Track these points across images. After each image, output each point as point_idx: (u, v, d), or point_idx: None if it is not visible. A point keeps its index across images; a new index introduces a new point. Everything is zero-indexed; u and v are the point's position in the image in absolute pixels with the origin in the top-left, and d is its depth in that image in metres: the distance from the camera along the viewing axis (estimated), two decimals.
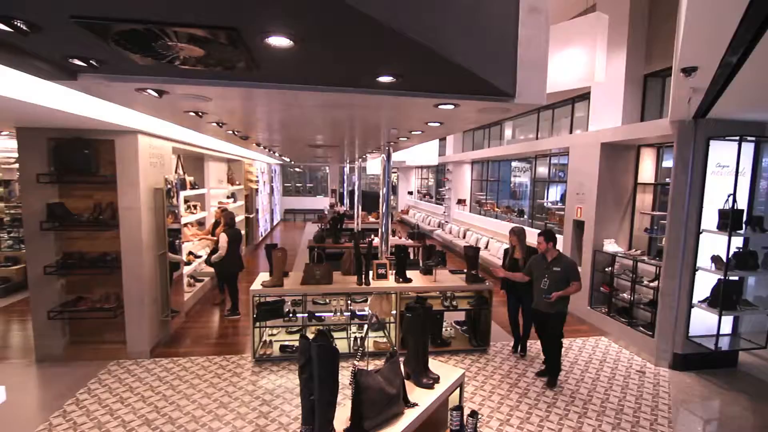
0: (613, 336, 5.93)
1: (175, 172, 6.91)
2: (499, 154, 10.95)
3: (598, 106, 6.61)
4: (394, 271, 5.29)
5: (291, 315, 5.14)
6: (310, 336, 1.97)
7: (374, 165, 16.18)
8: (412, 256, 8.56)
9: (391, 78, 2.00)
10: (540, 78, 2.42)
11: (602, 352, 5.53)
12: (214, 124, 3.74)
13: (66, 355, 4.84)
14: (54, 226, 4.54)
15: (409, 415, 2.25)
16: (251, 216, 12.16)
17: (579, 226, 6.81)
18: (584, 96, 7.50)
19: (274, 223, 18.08)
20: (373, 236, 8.41)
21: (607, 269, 6.20)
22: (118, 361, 4.84)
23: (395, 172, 23.22)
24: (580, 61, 4.80)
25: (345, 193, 16.92)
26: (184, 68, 1.82)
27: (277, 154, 9.77)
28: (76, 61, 1.72)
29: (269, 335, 5.48)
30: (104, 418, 3.75)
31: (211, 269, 6.97)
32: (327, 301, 5.87)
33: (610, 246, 6.23)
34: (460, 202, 14.45)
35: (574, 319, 6.77)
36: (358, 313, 5.23)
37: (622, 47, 5.99)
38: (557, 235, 4.86)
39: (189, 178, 7.29)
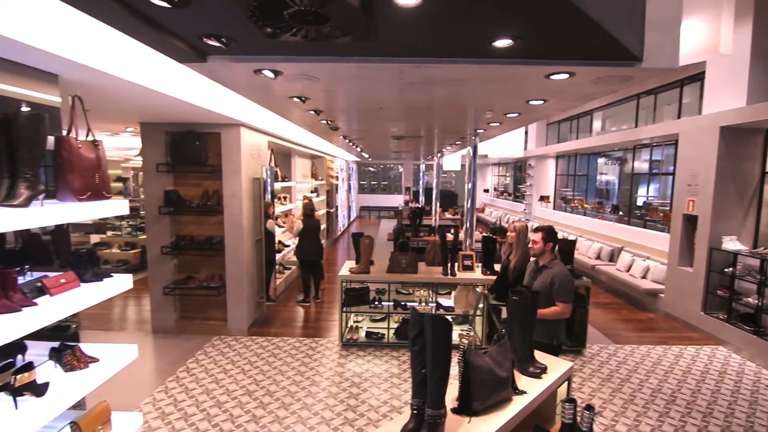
0: (732, 346, 5.20)
1: (269, 164, 7.35)
2: (591, 145, 10.15)
3: (715, 85, 5.83)
4: (480, 264, 5.13)
5: (376, 303, 5.20)
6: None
7: (451, 161, 15.93)
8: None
9: (509, 41, 1.90)
10: (672, 38, 2.16)
11: (720, 363, 4.87)
12: (312, 112, 3.89)
13: (176, 328, 5.36)
14: (169, 210, 5.05)
15: (518, 402, 2.14)
16: (331, 210, 12.60)
17: (690, 221, 6.08)
18: (695, 77, 6.68)
19: (351, 219, 18.60)
20: (452, 230, 8.26)
21: (726, 270, 5.45)
22: (220, 337, 5.25)
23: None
24: (701, 31, 4.26)
25: (421, 190, 16.86)
26: (303, 45, 1.88)
27: (358, 149, 10.00)
28: (210, 41, 1.86)
29: (354, 321, 5.60)
30: (211, 386, 4.07)
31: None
32: (410, 291, 5.87)
33: (731, 243, 5.47)
34: (543, 198, 13.70)
35: (682, 325, 6.06)
36: (443, 304, 5.15)
37: (748, 16, 5.21)
38: (660, 233, 4.25)
39: (279, 172, 7.71)
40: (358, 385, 4.12)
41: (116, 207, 2.48)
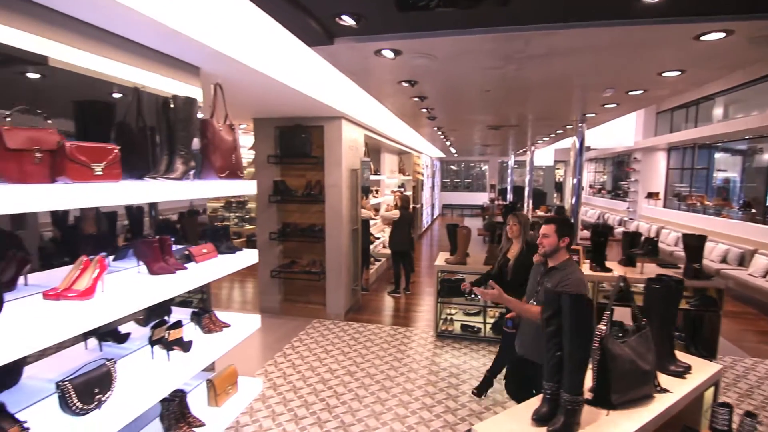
0: None
1: (364, 157, 7.57)
2: (718, 133, 8.75)
3: None
4: (588, 260, 4.75)
5: (473, 295, 5.07)
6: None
7: (542, 156, 15.05)
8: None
9: None
10: None
11: None
12: (416, 99, 3.91)
13: (280, 309, 5.74)
14: (277, 199, 5.43)
15: (662, 401, 1.91)
16: (417, 206, 12.63)
17: None
18: None
19: (434, 216, 18.49)
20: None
21: None
22: (320, 320, 5.52)
23: (559, 168, 21.24)
24: None
25: (509, 187, 16.19)
26: (429, 20, 1.86)
27: (448, 143, 9.89)
28: (344, 17, 1.93)
29: (447, 313, 5.52)
30: (314, 363, 4.29)
31: (387, 250, 7.42)
32: None
33: None
34: (651, 195, 12.35)
35: None
36: None
37: None
38: None
39: (372, 166, 7.91)
40: (457, 377, 4.05)
41: (248, 186, 2.69)
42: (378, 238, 8.20)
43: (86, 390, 1.71)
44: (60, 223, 2.16)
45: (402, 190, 10.23)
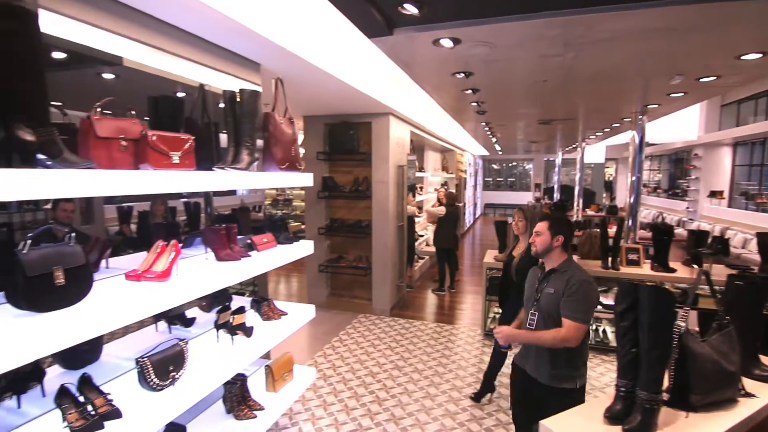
0: None
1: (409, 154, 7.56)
2: None
3: None
4: (649, 260, 4.49)
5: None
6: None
7: (591, 153, 14.41)
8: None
9: None
10: None
11: None
12: (468, 92, 3.85)
13: (327, 304, 5.84)
14: (325, 195, 5.53)
15: (748, 405, 1.77)
16: (460, 204, 12.47)
17: None
18: None
19: (476, 216, 18.17)
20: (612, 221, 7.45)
21: None
22: (365, 315, 5.56)
23: (608, 167, 20.23)
24: None
25: (556, 186, 15.61)
26: (492, 5, 1.82)
27: (494, 140, 9.68)
28: (407, 7, 1.93)
29: (494, 312, 5.40)
30: (362, 357, 4.32)
31: (431, 248, 7.37)
32: None
33: None
34: (715, 194, 11.51)
35: None
36: (604, 301, 4.64)
37: None
38: None
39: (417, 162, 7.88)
40: (508, 376, 3.94)
41: (305, 178, 2.75)
42: (422, 236, 8.16)
43: (162, 367, 1.80)
44: (125, 216, 2.32)
45: (446, 187, 10.13)
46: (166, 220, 2.64)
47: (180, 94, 2.54)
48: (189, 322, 2.48)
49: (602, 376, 3.98)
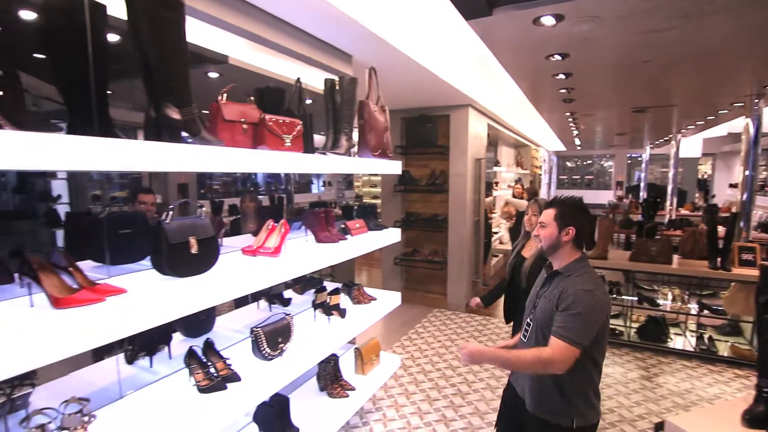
0: None
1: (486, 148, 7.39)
2: None
3: None
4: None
5: (614, 295, 4.60)
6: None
7: (688, 146, 13.01)
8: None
9: None
10: None
11: None
12: (561, 76, 3.66)
13: (402, 297, 5.85)
14: (401, 189, 5.56)
15: None
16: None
17: None
18: None
19: None
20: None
21: None
22: (440, 309, 5.51)
23: (702, 164, 18.12)
24: None
25: (642, 184, 14.33)
26: None
27: (575, 132, 9.14)
28: None
29: None
30: (441, 350, 4.29)
31: (504, 246, 7.12)
32: (654, 287, 5.00)
33: None
34: None
35: None
36: (712, 306, 4.18)
37: None
38: None
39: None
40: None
41: (395, 166, 2.78)
42: (496, 233, 7.92)
43: (273, 338, 1.90)
44: (216, 211, 2.51)
45: (521, 183, 9.75)
46: (267, 206, 2.82)
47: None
48: (286, 302, 2.62)
49: (710, 386, 3.58)
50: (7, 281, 1.40)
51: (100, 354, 1.79)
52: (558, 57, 2.98)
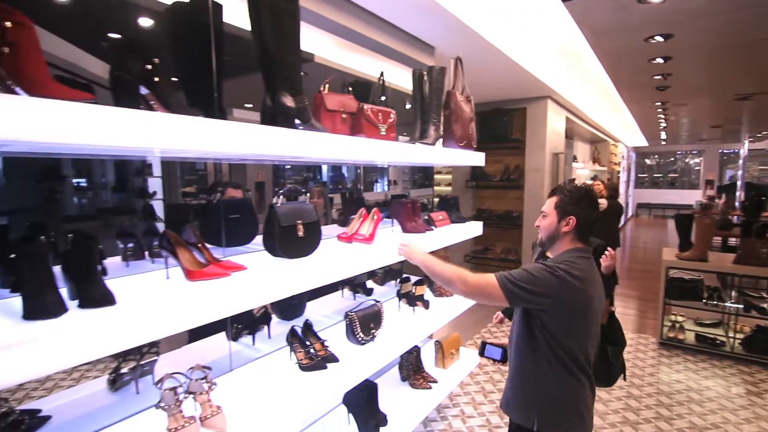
0: None
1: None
2: None
3: None
4: None
5: (713, 301, 4.16)
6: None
7: None
8: None
9: None
10: None
11: None
12: (658, 60, 3.38)
13: None
14: (473, 185, 5.45)
15: None
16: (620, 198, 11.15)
17: None
18: None
19: (626, 217, 16.04)
20: None
21: None
22: None
23: None
24: None
25: (739, 183, 12.84)
26: None
27: (662, 125, 8.43)
28: None
29: (670, 320, 4.67)
30: None
31: None
32: (761, 294, 4.45)
33: None
34: None
35: None
36: None
37: None
38: None
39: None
40: (700, 397, 3.36)
41: (478, 157, 2.73)
42: None
43: (365, 323, 1.94)
44: None
45: (602, 180, 9.17)
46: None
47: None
48: (369, 292, 2.67)
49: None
50: (140, 257, 1.57)
51: (209, 331, 1.94)
52: (659, 38, 2.74)
